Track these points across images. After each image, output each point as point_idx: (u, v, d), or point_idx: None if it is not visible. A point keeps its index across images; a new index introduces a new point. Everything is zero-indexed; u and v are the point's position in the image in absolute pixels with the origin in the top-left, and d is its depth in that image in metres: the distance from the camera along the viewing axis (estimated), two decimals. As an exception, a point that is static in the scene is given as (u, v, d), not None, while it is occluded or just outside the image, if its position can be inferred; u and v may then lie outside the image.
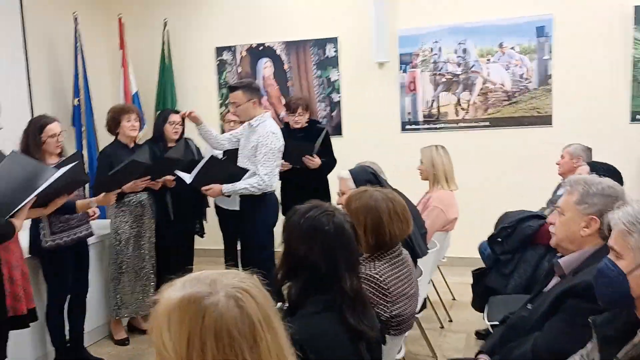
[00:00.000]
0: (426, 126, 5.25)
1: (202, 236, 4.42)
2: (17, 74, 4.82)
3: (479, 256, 4.00)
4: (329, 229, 1.52)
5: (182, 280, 0.96)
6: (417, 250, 2.45)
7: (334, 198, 4.31)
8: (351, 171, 2.59)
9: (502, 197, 4.80)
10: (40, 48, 5.07)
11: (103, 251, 3.80)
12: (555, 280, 1.94)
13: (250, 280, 0.96)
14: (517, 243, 3.20)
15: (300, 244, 1.52)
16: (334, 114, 5.51)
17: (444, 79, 5.16)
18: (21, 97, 4.83)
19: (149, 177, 3.56)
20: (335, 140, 4.58)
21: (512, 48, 4.96)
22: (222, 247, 4.72)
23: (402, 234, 1.94)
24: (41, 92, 5.07)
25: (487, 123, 5.11)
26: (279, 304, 1.51)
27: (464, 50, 5.05)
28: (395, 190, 2.89)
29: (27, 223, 3.09)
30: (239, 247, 4.68)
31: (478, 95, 5.09)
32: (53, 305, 3.27)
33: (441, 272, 4.28)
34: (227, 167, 3.56)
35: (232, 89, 3.64)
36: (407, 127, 5.31)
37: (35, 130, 3.15)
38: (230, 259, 4.72)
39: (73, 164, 2.59)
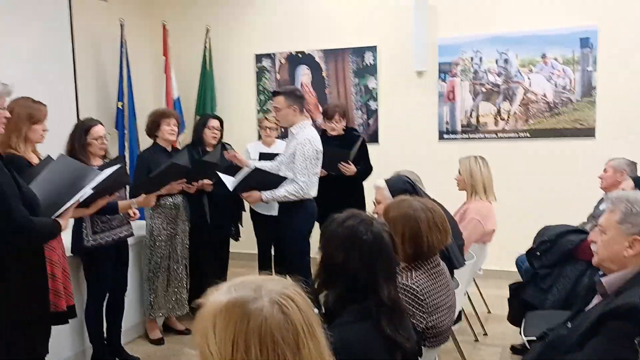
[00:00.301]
0: (464, 136, 5.20)
1: (237, 240, 4.47)
2: (65, 78, 4.98)
3: (515, 269, 3.94)
4: (367, 238, 1.52)
5: (228, 285, 0.98)
6: (454, 261, 2.42)
7: (369, 206, 4.34)
8: (387, 180, 2.58)
9: (542, 210, 4.71)
10: (87, 53, 5.24)
11: (141, 251, 3.88)
12: (596, 299, 1.89)
13: (294, 287, 0.98)
14: (556, 258, 3.13)
15: (338, 252, 1.52)
16: (370, 121, 5.51)
17: (484, 89, 5.10)
18: (68, 100, 4.99)
19: (184, 179, 3.63)
20: (371, 148, 4.58)
21: (555, 59, 4.86)
22: (256, 251, 4.77)
23: (441, 245, 1.92)
24: (87, 95, 5.24)
25: (528, 134, 5.02)
26: (316, 310, 1.51)
27: (506, 60, 4.98)
28: (433, 200, 2.88)
29: (70, 222, 3.20)
30: (273, 252, 4.74)
31: (519, 105, 5.01)
32: (92, 303, 3.35)
33: (477, 284, 4.21)
34: (268, 175, 3.61)
35: (275, 94, 3.73)
36: (445, 136, 5.26)
37: (80, 133, 3.25)
38: (264, 264, 4.77)
39: (117, 166, 2.66)
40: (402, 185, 2.51)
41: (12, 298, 1.86)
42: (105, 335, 3.49)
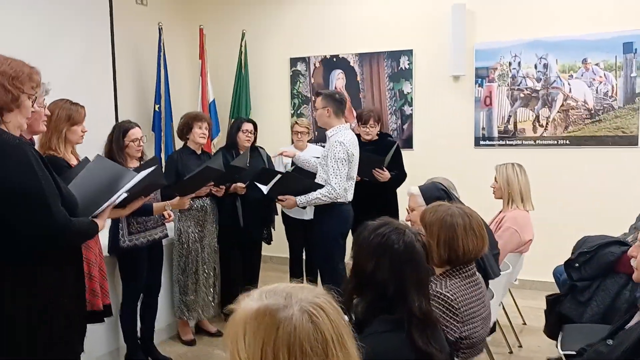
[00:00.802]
0: (501, 142, 5.09)
1: (269, 243, 4.48)
2: (105, 80, 5.10)
3: (552, 280, 3.84)
4: (399, 247, 1.49)
5: (259, 291, 0.99)
6: (489, 271, 2.37)
7: (403, 213, 4.29)
8: (421, 187, 2.54)
9: (581, 220, 4.58)
10: (126, 56, 5.35)
11: (171, 252, 3.93)
12: (638, 316, 1.82)
13: (325, 297, 0.97)
14: (596, 270, 3.02)
15: (369, 260, 1.50)
16: (405, 126, 5.46)
17: (522, 94, 5.00)
18: (107, 102, 5.11)
19: (212, 182, 3.66)
20: (405, 154, 4.54)
21: (597, 64, 4.72)
22: (287, 255, 4.78)
23: (477, 251, 1.87)
24: (125, 98, 5.35)
25: (567, 141, 4.88)
26: (346, 318, 1.49)
27: (545, 66, 4.87)
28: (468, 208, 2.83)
29: (108, 222, 3.26)
30: (304, 257, 4.74)
31: (558, 112, 4.89)
32: (127, 303, 3.41)
33: (512, 295, 4.12)
34: (302, 180, 3.61)
35: (317, 94, 3.78)
36: (481, 142, 5.17)
37: (118, 135, 3.32)
38: (295, 268, 4.78)
39: (152, 167, 2.70)
40: (437, 193, 2.47)
41: (50, 297, 1.89)
42: (139, 334, 3.54)
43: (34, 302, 1.84)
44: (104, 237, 3.22)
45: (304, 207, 3.78)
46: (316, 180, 3.61)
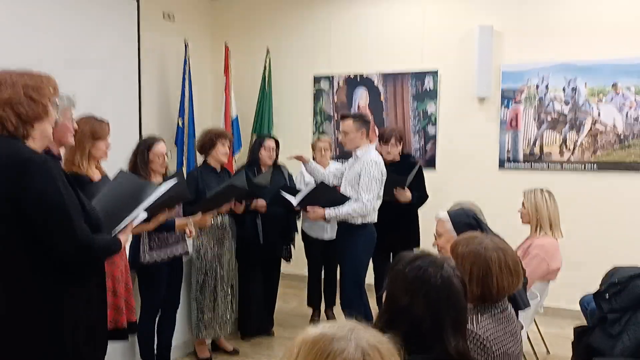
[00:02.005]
0: (527, 165, 5.01)
1: (288, 261, 4.44)
2: (130, 94, 5.14)
3: (578, 308, 3.72)
4: (435, 282, 1.42)
5: (328, 323, 1.01)
6: (519, 302, 2.29)
7: (424, 234, 4.22)
8: (450, 213, 2.47)
9: (609, 248, 4.47)
10: (152, 70, 5.39)
11: (190, 269, 3.89)
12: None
13: (387, 344, 0.97)
14: (627, 302, 2.90)
15: (403, 294, 1.43)
16: (428, 147, 5.40)
17: (549, 117, 4.91)
18: (132, 116, 5.14)
19: (234, 200, 3.64)
20: (428, 174, 4.49)
21: (628, 88, 4.63)
22: (305, 273, 4.73)
23: (511, 289, 1.79)
24: (150, 112, 5.38)
25: (595, 166, 4.78)
26: None
27: (574, 89, 4.79)
28: (495, 235, 2.75)
29: (130, 237, 3.25)
30: (323, 275, 4.69)
31: (586, 136, 4.79)
32: (145, 319, 3.38)
33: (536, 323, 4.00)
34: (332, 194, 3.59)
35: (344, 117, 3.77)
36: (506, 164, 5.09)
37: (143, 150, 3.31)
38: (314, 286, 4.73)
39: (174, 182, 2.68)
40: (466, 220, 2.39)
41: (72, 313, 1.87)
42: (155, 351, 3.50)
43: (55, 318, 1.82)
44: (127, 252, 3.21)
45: (328, 221, 3.74)
46: None
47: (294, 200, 3.66)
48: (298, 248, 4.69)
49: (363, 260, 3.59)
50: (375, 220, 3.66)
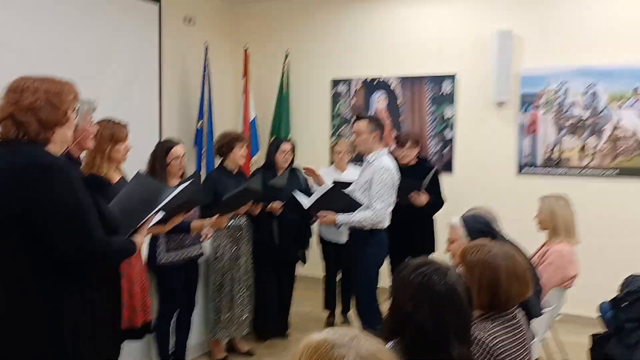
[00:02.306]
0: (545, 170, 4.96)
1: (303, 263, 4.47)
2: (151, 97, 5.22)
3: (597, 316, 3.67)
4: (440, 289, 1.43)
5: (332, 329, 1.03)
6: (531, 310, 2.28)
7: (440, 239, 4.21)
8: (463, 219, 2.47)
9: (628, 255, 4.41)
10: (172, 73, 5.47)
11: (207, 271, 3.95)
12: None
13: (387, 353, 0.99)
14: (644, 311, 2.88)
15: (408, 300, 1.44)
16: (445, 151, 5.38)
17: (568, 123, 4.86)
18: (152, 118, 5.22)
19: (251, 202, 3.67)
20: (445, 178, 4.48)
21: (649, 93, 4.57)
22: (321, 275, 4.75)
23: (520, 297, 1.78)
24: (170, 114, 5.46)
25: (615, 172, 4.72)
26: None
27: (593, 94, 4.74)
28: (509, 241, 2.74)
29: (147, 238, 3.31)
30: (338, 278, 4.71)
31: (606, 142, 4.73)
32: (162, 319, 3.43)
33: (553, 330, 3.96)
34: (346, 198, 3.58)
35: (358, 118, 3.70)
36: (524, 170, 5.05)
37: (161, 153, 3.37)
38: (330, 289, 4.75)
39: (188, 182, 2.72)
40: (479, 226, 2.39)
41: (86, 313, 1.91)
42: (171, 350, 3.55)
43: (70, 319, 1.85)
44: (144, 253, 3.26)
45: (339, 227, 3.73)
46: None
47: (306, 202, 3.64)
48: (315, 251, 4.72)
49: (374, 266, 3.57)
50: (385, 225, 3.62)
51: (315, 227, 4.55)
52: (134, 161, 3.11)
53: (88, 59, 4.49)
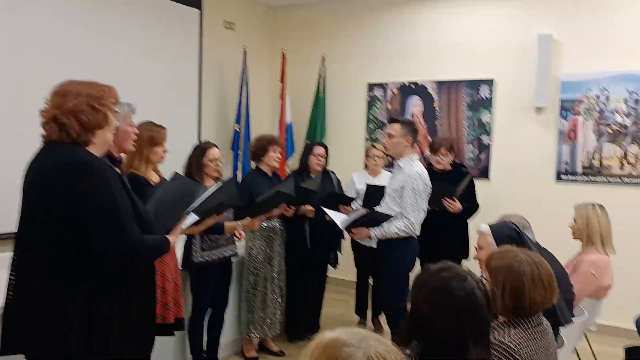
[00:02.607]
0: (585, 178, 4.85)
1: (334, 267, 4.50)
2: (190, 99, 5.36)
3: (634, 328, 3.58)
4: (458, 294, 1.45)
5: (342, 328, 1.05)
6: (559, 317, 2.25)
7: (473, 247, 4.18)
8: (492, 226, 2.45)
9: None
10: (212, 76, 5.61)
11: (242, 271, 4.03)
12: None
13: (395, 354, 1.00)
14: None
15: (425, 305, 1.47)
16: (482, 156, 5.33)
17: (609, 129, 4.75)
18: (191, 120, 5.36)
19: (283, 204, 3.72)
20: (481, 184, 4.44)
21: (696, 100, 4.42)
22: (353, 278, 4.77)
23: (545, 303, 1.78)
24: (208, 116, 5.59)
25: (658, 181, 4.58)
26: None
27: (636, 101, 4.61)
28: (543, 249, 2.71)
29: (182, 237, 3.41)
30: (371, 282, 4.72)
31: (649, 149, 4.60)
32: (196, 317, 3.53)
33: (588, 340, 3.87)
34: (376, 214, 3.56)
35: (393, 120, 3.64)
36: (563, 177, 4.95)
37: (198, 155, 3.46)
38: (362, 293, 4.77)
39: (222, 184, 2.79)
40: (508, 232, 2.38)
41: (118, 310, 1.98)
42: (204, 347, 3.64)
43: (100, 313, 1.92)
44: (180, 252, 3.37)
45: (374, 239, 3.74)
46: (383, 211, 3.55)
47: (340, 224, 3.58)
48: (348, 255, 4.75)
49: (403, 273, 3.54)
50: (418, 234, 3.60)
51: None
52: (173, 163, 3.21)
53: (131, 63, 4.66)
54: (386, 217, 3.46)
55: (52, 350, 1.85)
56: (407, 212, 3.42)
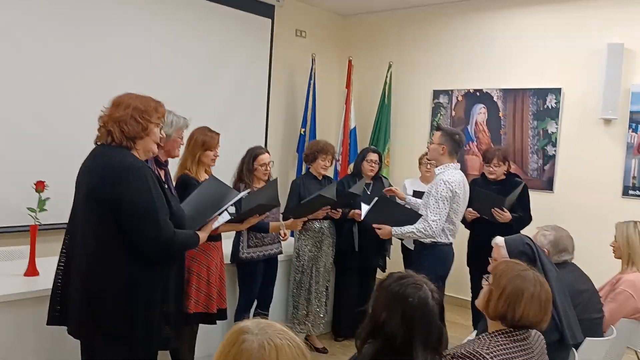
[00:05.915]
0: (654, 194, 4.61)
1: (383, 270, 4.60)
2: (259, 103, 5.68)
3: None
4: (412, 301, 1.54)
5: (253, 319, 1.19)
6: (566, 334, 2.24)
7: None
8: (506, 239, 2.49)
9: None
10: (280, 81, 5.89)
11: (289, 269, 4.25)
12: None
13: (289, 340, 1.12)
14: None
15: (382, 309, 1.57)
16: (546, 167, 5.20)
17: (682, 144, 4.48)
18: (259, 123, 5.67)
19: (328, 207, 3.90)
20: (545, 196, 4.39)
21: None
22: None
23: (534, 323, 1.82)
24: (276, 120, 5.89)
25: None
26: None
27: None
28: (574, 266, 2.70)
29: (232, 234, 3.69)
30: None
31: None
32: (242, 309, 3.78)
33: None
34: (398, 208, 3.68)
35: (438, 128, 3.76)
36: (631, 192, 4.73)
37: (249, 159, 3.72)
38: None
39: (246, 194, 3.03)
40: (522, 247, 2.40)
41: (158, 293, 2.27)
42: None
43: (143, 294, 2.22)
44: (227, 247, 3.64)
45: (401, 239, 3.81)
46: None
47: (363, 214, 3.78)
48: (397, 258, 4.83)
49: (435, 279, 3.58)
50: (452, 241, 3.63)
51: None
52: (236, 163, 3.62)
53: (204, 69, 5.03)
54: (416, 216, 3.56)
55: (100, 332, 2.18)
56: (427, 216, 3.50)
